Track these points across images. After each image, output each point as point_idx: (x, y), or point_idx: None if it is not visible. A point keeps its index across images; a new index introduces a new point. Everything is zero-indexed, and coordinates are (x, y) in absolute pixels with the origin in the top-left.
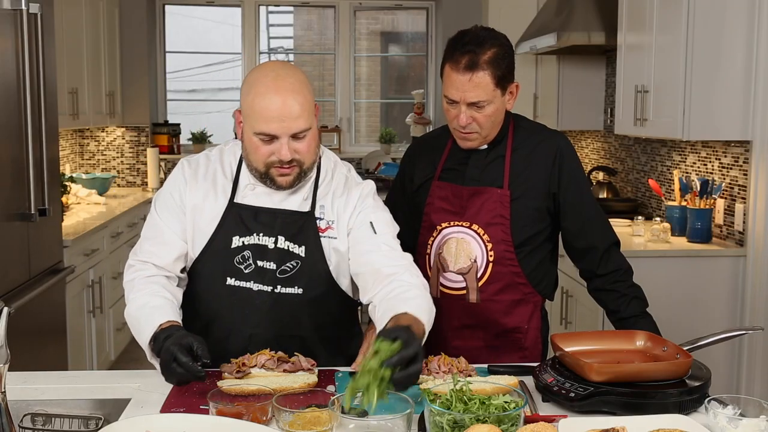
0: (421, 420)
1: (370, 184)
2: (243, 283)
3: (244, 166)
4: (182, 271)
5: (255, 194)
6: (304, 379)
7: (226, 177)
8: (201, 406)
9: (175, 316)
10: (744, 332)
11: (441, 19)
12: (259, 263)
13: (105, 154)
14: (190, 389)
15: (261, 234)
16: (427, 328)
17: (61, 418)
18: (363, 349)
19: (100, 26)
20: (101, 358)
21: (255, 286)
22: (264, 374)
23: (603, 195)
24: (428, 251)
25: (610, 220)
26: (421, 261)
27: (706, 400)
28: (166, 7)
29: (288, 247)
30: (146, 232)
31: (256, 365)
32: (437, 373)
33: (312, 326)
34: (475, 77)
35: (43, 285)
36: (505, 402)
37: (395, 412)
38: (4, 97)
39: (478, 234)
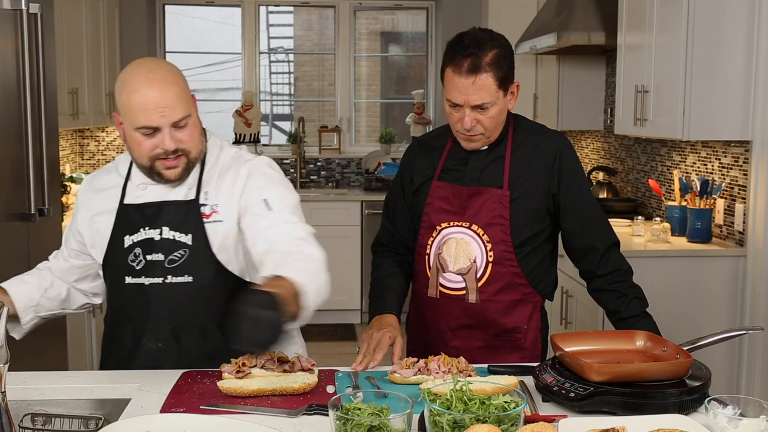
0: (421, 420)
1: (262, 160)
2: (137, 280)
3: (134, 167)
4: (83, 282)
5: (146, 193)
6: (304, 379)
7: (118, 182)
8: (201, 406)
9: (17, 287)
10: (744, 332)
11: (441, 19)
12: (149, 257)
13: (105, 154)
14: (190, 389)
15: (147, 228)
16: (302, 288)
17: (61, 418)
18: (363, 349)
19: (100, 26)
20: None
21: (146, 281)
22: (264, 374)
23: (603, 195)
24: (428, 251)
25: (610, 220)
26: (420, 261)
27: (706, 400)
28: (166, 7)
29: (174, 236)
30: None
31: (256, 365)
32: (437, 373)
33: (207, 314)
34: (478, 80)
35: None
36: (505, 402)
37: (396, 412)
38: (4, 97)
39: (478, 234)
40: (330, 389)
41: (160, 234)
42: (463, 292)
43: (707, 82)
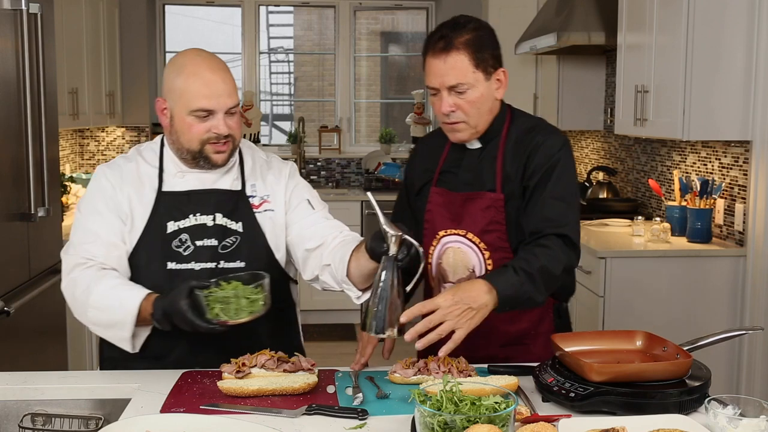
0: (413, 422)
1: (292, 163)
2: (183, 266)
3: (166, 156)
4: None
5: (185, 181)
6: (304, 379)
7: (150, 170)
8: (201, 406)
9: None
10: (744, 332)
11: (441, 19)
12: (198, 243)
13: (105, 154)
14: (190, 389)
15: (198, 214)
16: None
17: (61, 418)
18: (360, 348)
19: (100, 26)
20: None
21: (197, 266)
22: (264, 374)
23: (603, 195)
24: (430, 260)
25: (610, 220)
26: (426, 268)
27: (706, 400)
28: (166, 7)
29: (226, 223)
30: (79, 238)
31: (256, 365)
32: (437, 373)
33: None
34: (449, 58)
35: (43, 285)
36: (496, 402)
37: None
38: (4, 97)
39: (474, 243)
40: (330, 389)
41: (213, 220)
42: None
43: (707, 82)
